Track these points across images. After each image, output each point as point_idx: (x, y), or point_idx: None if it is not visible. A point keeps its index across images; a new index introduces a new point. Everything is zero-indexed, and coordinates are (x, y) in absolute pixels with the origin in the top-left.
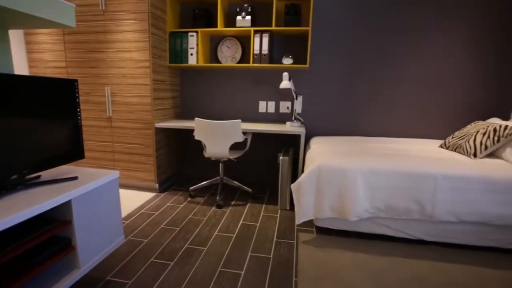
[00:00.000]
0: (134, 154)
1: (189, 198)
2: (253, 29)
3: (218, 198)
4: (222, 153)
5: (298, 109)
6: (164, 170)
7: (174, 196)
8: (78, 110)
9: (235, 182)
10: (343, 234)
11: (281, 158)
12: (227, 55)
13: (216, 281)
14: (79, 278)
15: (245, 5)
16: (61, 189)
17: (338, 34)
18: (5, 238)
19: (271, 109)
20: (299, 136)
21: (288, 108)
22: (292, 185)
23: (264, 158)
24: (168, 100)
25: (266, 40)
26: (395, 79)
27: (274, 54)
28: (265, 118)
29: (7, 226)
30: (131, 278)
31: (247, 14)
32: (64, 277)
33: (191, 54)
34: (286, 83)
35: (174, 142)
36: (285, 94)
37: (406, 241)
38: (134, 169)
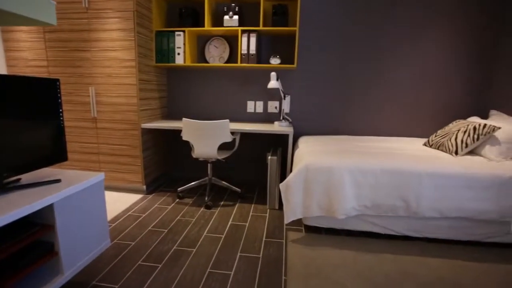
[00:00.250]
0: (120, 156)
1: (177, 199)
2: (240, 28)
3: (206, 198)
4: (211, 153)
5: (286, 108)
6: (151, 171)
7: (162, 197)
8: (61, 110)
9: (224, 182)
10: (332, 232)
11: (269, 157)
12: (215, 55)
13: (205, 282)
14: (63, 284)
15: (232, 4)
16: (42, 192)
17: (325, 35)
18: None
19: (259, 109)
20: (287, 135)
21: (276, 108)
22: (280, 184)
23: (252, 158)
24: (155, 100)
25: (253, 40)
26: (381, 80)
27: (262, 54)
28: (253, 118)
29: None
30: (118, 283)
31: (235, 13)
32: (46, 283)
33: (178, 54)
34: (274, 83)
35: (161, 143)
36: (273, 94)
37: (392, 237)
38: (120, 170)
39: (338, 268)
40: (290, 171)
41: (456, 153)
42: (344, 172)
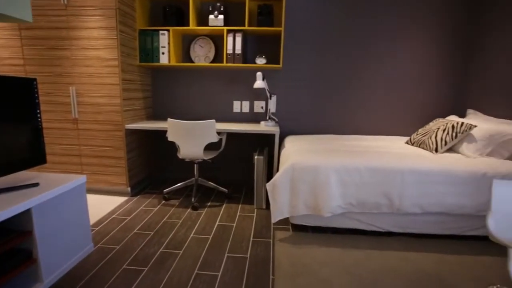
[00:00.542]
0: (103, 157)
1: (163, 201)
2: (226, 28)
3: (193, 199)
4: (197, 154)
5: (272, 108)
6: (136, 173)
7: (147, 199)
8: (38, 111)
9: (211, 183)
10: (318, 230)
11: (256, 157)
12: (200, 55)
13: (192, 284)
14: None
15: (217, 4)
16: (19, 197)
17: (310, 35)
18: None
19: (246, 108)
20: (274, 135)
21: (262, 107)
22: (267, 184)
23: (239, 158)
24: (139, 100)
25: (239, 39)
26: (365, 80)
27: (248, 54)
28: (239, 118)
29: None
30: None
31: (220, 13)
32: None
33: (163, 53)
34: (260, 83)
35: (146, 144)
36: (259, 94)
37: (377, 233)
38: (104, 173)
39: (325, 265)
40: (277, 171)
41: (436, 150)
42: (329, 171)
